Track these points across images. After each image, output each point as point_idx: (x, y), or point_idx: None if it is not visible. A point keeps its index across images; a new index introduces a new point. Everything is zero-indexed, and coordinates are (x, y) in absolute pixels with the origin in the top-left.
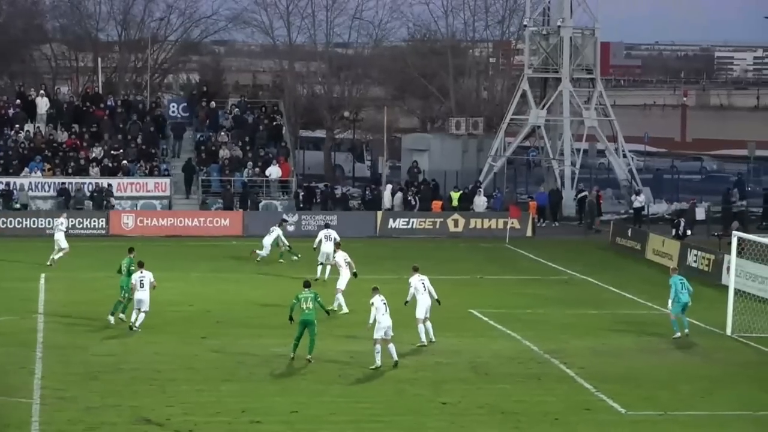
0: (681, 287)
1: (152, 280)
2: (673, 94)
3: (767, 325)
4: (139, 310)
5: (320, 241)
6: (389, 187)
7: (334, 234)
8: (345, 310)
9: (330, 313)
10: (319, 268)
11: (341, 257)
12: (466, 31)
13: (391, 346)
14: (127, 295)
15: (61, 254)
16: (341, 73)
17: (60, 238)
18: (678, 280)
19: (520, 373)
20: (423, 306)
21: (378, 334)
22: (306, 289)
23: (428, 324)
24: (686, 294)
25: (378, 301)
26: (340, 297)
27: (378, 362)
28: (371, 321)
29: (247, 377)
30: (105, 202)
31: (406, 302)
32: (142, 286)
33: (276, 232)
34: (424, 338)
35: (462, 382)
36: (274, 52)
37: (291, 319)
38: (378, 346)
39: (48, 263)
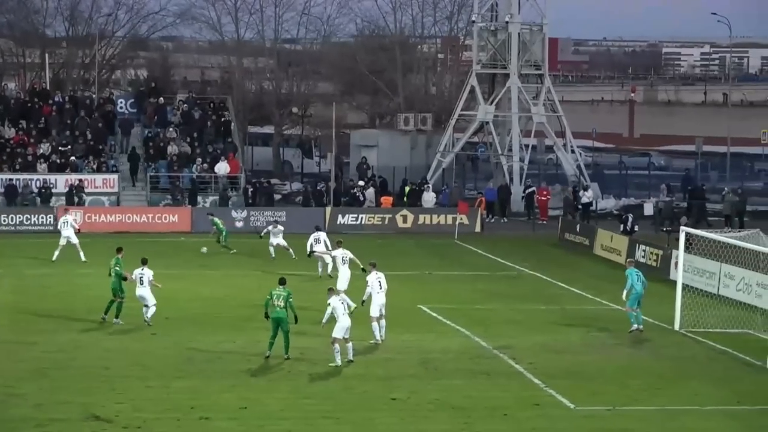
0: (636, 279)
1: (151, 278)
2: (621, 89)
3: (715, 320)
4: (146, 306)
5: (311, 245)
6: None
7: (322, 236)
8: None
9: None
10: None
11: (340, 254)
12: (415, 27)
13: (350, 346)
14: (122, 295)
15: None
16: (289, 69)
17: (70, 234)
18: (634, 272)
19: (470, 368)
20: (377, 304)
21: (338, 334)
22: (280, 287)
23: (382, 322)
24: (641, 285)
25: (336, 301)
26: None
27: (338, 361)
28: (325, 320)
29: (196, 373)
30: (77, 198)
31: (363, 302)
32: (141, 282)
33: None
34: (378, 336)
35: (412, 377)
36: (222, 48)
37: (267, 316)
38: (337, 346)
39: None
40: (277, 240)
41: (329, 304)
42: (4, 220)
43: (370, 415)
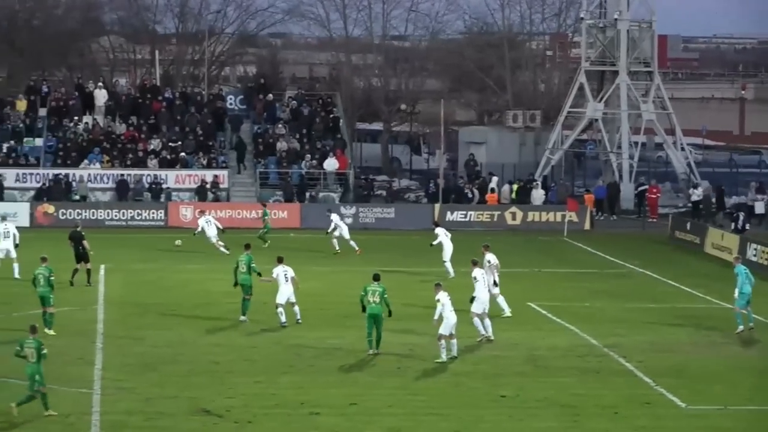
0: (745, 278)
1: (293, 274)
2: (731, 87)
3: None
4: (293, 303)
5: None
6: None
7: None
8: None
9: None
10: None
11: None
12: (523, 23)
13: (454, 342)
14: (250, 292)
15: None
16: (398, 66)
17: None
18: (743, 270)
19: (578, 366)
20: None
21: (444, 331)
22: (375, 282)
23: (487, 321)
24: (748, 285)
25: (444, 297)
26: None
27: (443, 357)
28: (436, 317)
29: (304, 369)
30: (213, 194)
31: (472, 298)
32: (286, 279)
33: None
34: (483, 331)
35: (520, 375)
36: (330, 44)
37: (364, 309)
38: (443, 342)
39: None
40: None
41: (438, 300)
42: (116, 215)
43: (477, 412)
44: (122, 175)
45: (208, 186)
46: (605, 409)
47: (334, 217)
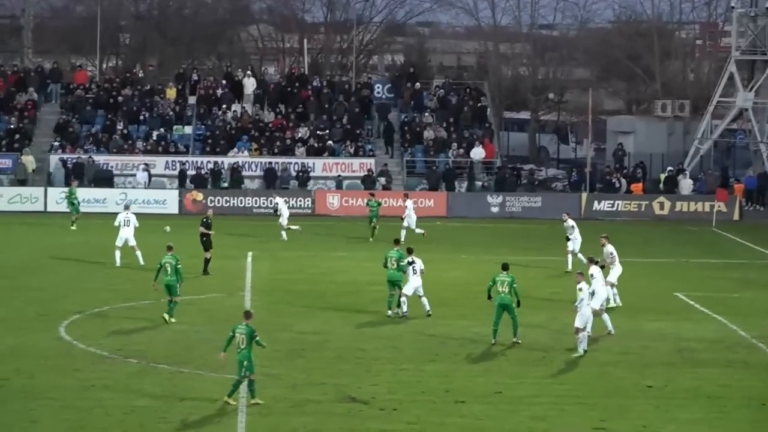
0: None
1: (422, 267)
2: None
3: None
4: (420, 296)
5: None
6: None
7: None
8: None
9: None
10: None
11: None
12: (673, 12)
13: (584, 335)
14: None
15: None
16: (546, 55)
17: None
18: None
19: (726, 357)
20: (599, 299)
21: (579, 324)
22: (504, 272)
23: (605, 315)
24: None
25: (585, 287)
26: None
27: (580, 351)
28: (578, 303)
29: (450, 358)
30: (386, 182)
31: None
32: (414, 272)
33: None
34: (611, 327)
35: (667, 365)
36: (478, 33)
37: (489, 297)
38: (580, 335)
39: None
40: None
41: (580, 289)
42: (263, 203)
43: (623, 402)
44: (270, 163)
45: (373, 175)
46: (752, 401)
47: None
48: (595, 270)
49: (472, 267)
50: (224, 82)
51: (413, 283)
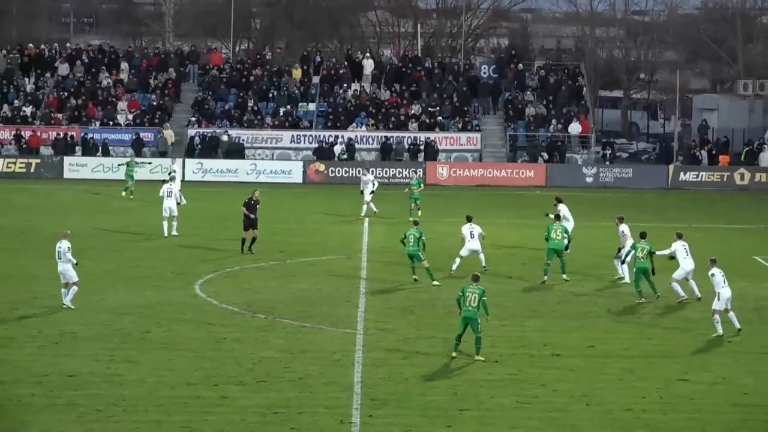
0: None
1: (481, 231)
2: None
3: None
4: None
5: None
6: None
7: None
8: (620, 275)
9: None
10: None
11: (625, 228)
12: None
13: (732, 315)
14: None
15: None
16: (638, 38)
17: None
18: None
19: None
20: (684, 269)
21: (718, 306)
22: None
23: (692, 282)
24: None
25: (718, 273)
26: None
27: (719, 331)
28: (718, 290)
29: (548, 314)
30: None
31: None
32: (472, 236)
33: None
34: (681, 293)
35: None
36: (576, 18)
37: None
38: (717, 317)
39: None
40: (365, 191)
41: (712, 275)
42: (379, 174)
43: (706, 355)
44: (386, 137)
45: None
46: None
47: (368, 177)
48: (678, 245)
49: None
50: (345, 63)
51: (470, 246)
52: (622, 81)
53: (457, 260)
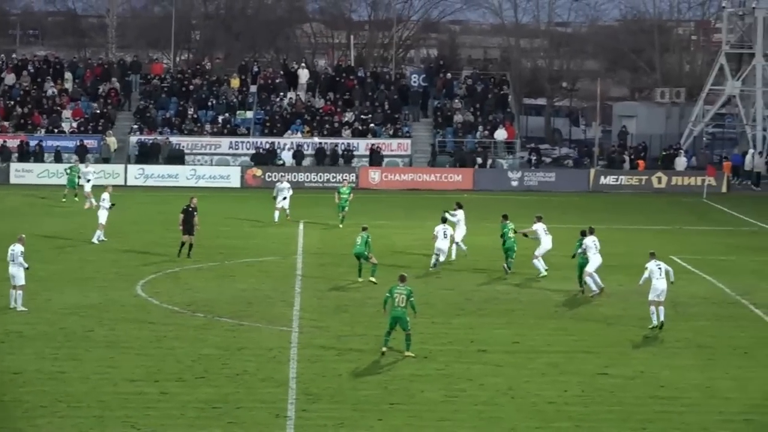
0: None
1: (453, 233)
2: None
3: None
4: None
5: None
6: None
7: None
8: (543, 273)
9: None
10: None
11: (540, 227)
12: (672, 11)
13: (661, 309)
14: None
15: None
16: (560, 49)
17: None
18: None
19: (715, 312)
20: (594, 264)
21: (652, 296)
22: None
23: (660, 308)
24: None
25: (653, 265)
26: (537, 262)
27: (655, 322)
28: (641, 282)
29: (475, 312)
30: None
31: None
32: (444, 236)
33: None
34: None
35: (664, 319)
36: (502, 30)
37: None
38: (652, 308)
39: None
40: (280, 198)
41: (646, 267)
42: (314, 178)
43: (625, 350)
44: (320, 143)
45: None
46: (737, 349)
47: (284, 184)
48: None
49: (496, 234)
50: (281, 72)
51: (439, 245)
52: (546, 89)
53: (433, 257)
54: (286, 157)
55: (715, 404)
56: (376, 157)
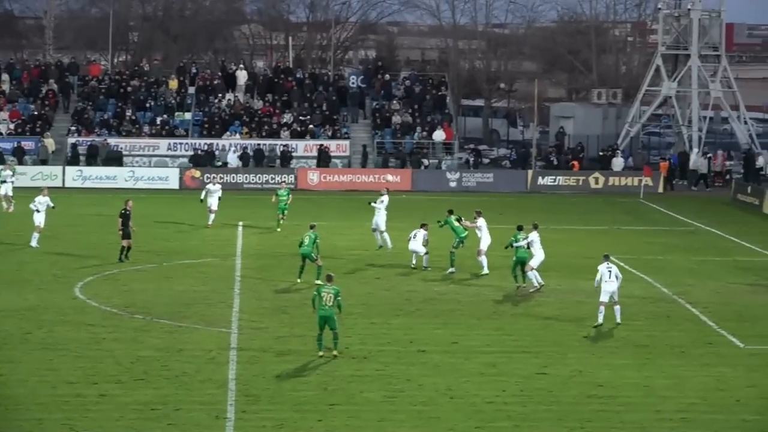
0: None
1: (425, 233)
2: None
3: None
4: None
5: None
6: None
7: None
8: (486, 270)
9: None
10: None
11: (482, 222)
12: (608, 13)
13: (617, 309)
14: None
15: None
16: (498, 50)
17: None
18: None
19: (652, 311)
20: (538, 259)
21: (603, 298)
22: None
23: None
24: None
25: (603, 268)
26: (482, 259)
27: (600, 321)
28: (595, 284)
29: (414, 312)
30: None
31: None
32: (415, 237)
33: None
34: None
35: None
36: (440, 31)
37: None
38: (601, 308)
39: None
40: (212, 200)
41: (598, 270)
42: (253, 179)
43: (563, 350)
44: (258, 144)
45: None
46: (674, 348)
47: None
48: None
49: (435, 233)
50: (219, 74)
51: (411, 246)
52: (484, 90)
53: (414, 256)
54: (232, 158)
55: (653, 403)
56: (324, 158)
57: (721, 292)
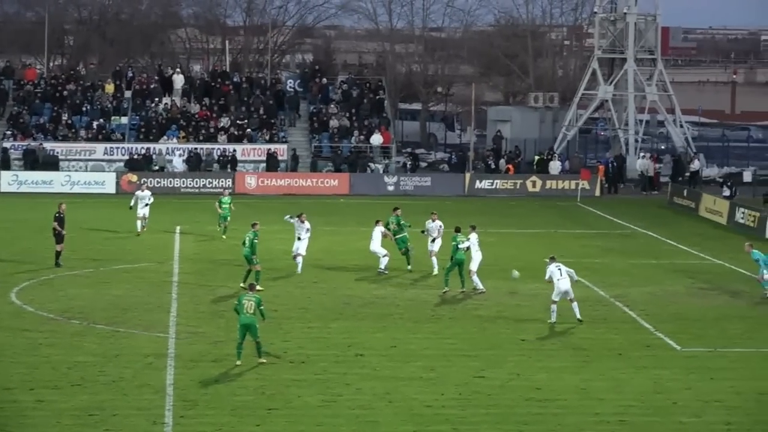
0: (765, 262)
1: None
2: (724, 72)
3: None
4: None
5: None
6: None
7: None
8: (436, 271)
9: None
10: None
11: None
12: (544, 17)
13: (575, 305)
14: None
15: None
16: (435, 54)
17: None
18: (760, 255)
19: (589, 314)
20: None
21: (556, 297)
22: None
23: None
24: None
25: (553, 267)
26: (435, 259)
27: (553, 319)
28: (546, 278)
29: (353, 316)
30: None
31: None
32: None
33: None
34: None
35: (539, 321)
36: (377, 35)
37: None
38: (554, 306)
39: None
40: (141, 207)
41: (548, 269)
42: (189, 184)
43: (501, 353)
44: (196, 148)
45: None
46: (612, 351)
47: (145, 192)
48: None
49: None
50: (156, 78)
51: (371, 247)
52: (421, 94)
53: (385, 259)
54: (178, 162)
55: (591, 405)
56: (272, 162)
57: (658, 295)
